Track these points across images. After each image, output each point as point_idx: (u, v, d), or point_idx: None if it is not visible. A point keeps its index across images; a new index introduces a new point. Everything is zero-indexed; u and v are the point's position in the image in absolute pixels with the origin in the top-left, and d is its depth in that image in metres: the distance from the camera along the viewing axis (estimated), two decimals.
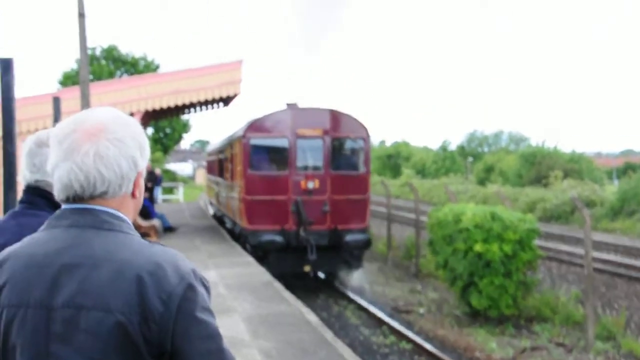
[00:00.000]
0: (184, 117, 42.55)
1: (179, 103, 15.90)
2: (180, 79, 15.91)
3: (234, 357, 1.47)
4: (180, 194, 35.94)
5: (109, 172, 1.48)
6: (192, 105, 17.70)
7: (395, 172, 63.01)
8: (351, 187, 13.44)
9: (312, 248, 12.64)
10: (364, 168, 13.64)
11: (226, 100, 18.23)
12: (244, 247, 13.84)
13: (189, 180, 61.54)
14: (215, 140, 24.86)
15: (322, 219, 13.05)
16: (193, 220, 21.60)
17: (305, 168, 13.37)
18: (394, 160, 67.81)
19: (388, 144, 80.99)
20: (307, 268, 12.92)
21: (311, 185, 13.29)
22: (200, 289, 1.46)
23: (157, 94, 15.69)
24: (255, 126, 13.46)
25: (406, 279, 14.68)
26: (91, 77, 35.05)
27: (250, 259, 12.83)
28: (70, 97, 14.00)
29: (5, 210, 4.16)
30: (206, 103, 18.24)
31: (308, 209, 12.92)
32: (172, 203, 31.65)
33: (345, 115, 13.59)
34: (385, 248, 17.02)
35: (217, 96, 16.21)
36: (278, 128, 13.35)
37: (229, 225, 16.63)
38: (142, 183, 1.56)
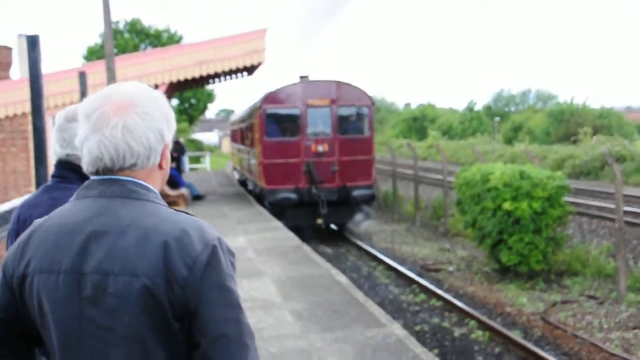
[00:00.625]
0: (209, 87, 42.43)
1: (203, 73, 15.83)
2: (204, 50, 15.90)
3: (252, 332, 1.49)
4: (207, 162, 36.35)
5: (137, 144, 1.51)
6: (217, 75, 17.67)
7: (422, 134, 62.76)
8: (357, 149, 15.18)
9: (323, 203, 14.46)
10: (368, 132, 15.43)
11: (250, 69, 18.21)
12: (263, 206, 15.68)
13: (215, 149, 61.55)
14: (238, 110, 26.74)
15: (332, 177, 14.91)
16: (220, 187, 21.95)
17: (316, 134, 15.04)
18: (420, 123, 67.20)
19: (413, 106, 79.14)
20: (319, 221, 14.63)
21: (321, 148, 15.10)
22: (225, 257, 1.48)
23: (181, 65, 15.67)
24: (270, 98, 15.17)
25: (434, 238, 14.58)
26: (115, 50, 35.45)
27: (278, 224, 12.98)
28: (96, 71, 14.08)
29: (38, 184, 4.25)
30: (230, 73, 18.21)
31: (318, 169, 14.76)
32: (200, 172, 31.69)
33: (350, 85, 15.25)
34: (413, 209, 17.02)
35: (241, 65, 16.17)
36: (290, 99, 15.08)
37: (251, 187, 18.51)
38: (168, 155, 1.59)
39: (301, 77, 15.41)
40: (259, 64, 16.67)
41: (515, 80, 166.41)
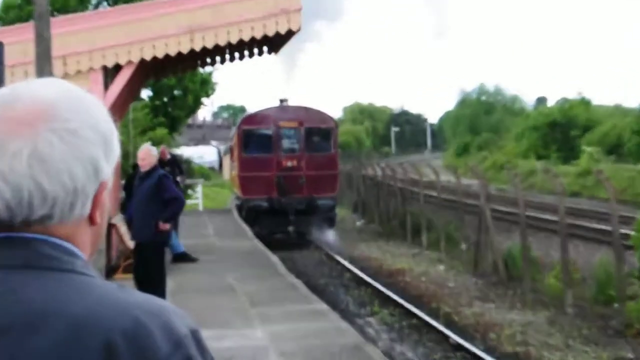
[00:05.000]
0: (204, 70, 39.26)
1: (196, 47, 14.54)
2: (198, 9, 14.47)
3: None
4: (199, 195, 34.03)
5: (53, 184, 1.34)
6: (218, 50, 16.38)
7: (568, 151, 52.72)
8: (323, 164, 23.67)
9: (292, 212, 22.78)
10: (333, 149, 24.56)
11: (274, 42, 16.77)
12: (240, 214, 26.72)
13: (211, 173, 56.14)
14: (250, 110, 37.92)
15: (300, 189, 23.17)
16: (221, 239, 21.05)
17: (286, 151, 23.81)
18: (564, 132, 56.00)
19: (551, 102, 72.14)
20: (290, 228, 23.01)
21: (290, 163, 23.37)
22: None
23: (159, 33, 14.37)
24: (247, 120, 25.42)
25: (603, 340, 12.77)
26: (51, 8, 31.09)
27: (321, 306, 12.24)
28: (17, 40, 12.81)
29: None
30: (241, 47, 16.93)
31: (288, 182, 23.20)
32: (187, 212, 28.69)
33: (317, 110, 25.10)
34: (559, 283, 15.35)
35: (258, 35, 14.62)
36: (265, 121, 24.10)
37: (237, 202, 29.21)
38: (105, 200, 1.45)
39: (280, 101, 24.78)
40: (290, 32, 15.25)
41: None
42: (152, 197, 10.43)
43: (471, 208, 21.59)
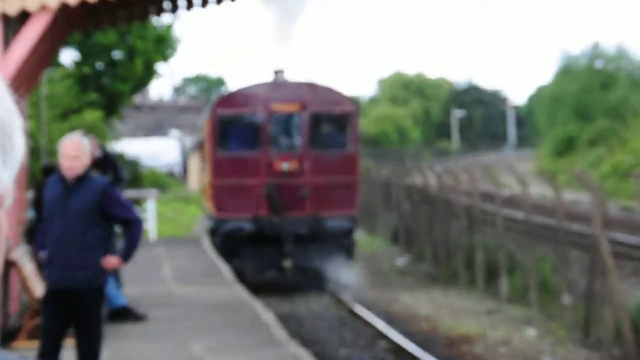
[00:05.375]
0: (160, 21, 39.27)
1: None
2: None
3: None
4: (149, 217, 32.74)
5: None
6: None
7: None
8: (335, 167, 23.77)
9: (289, 238, 22.47)
10: (351, 145, 24.20)
11: None
12: (214, 242, 26.69)
13: (171, 181, 56.71)
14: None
15: (301, 204, 23.20)
16: (185, 287, 20.90)
17: (282, 147, 23.83)
18: None
19: None
20: (286, 263, 22.52)
21: (287, 166, 23.34)
22: None
23: None
24: (225, 100, 24.83)
25: None
26: None
27: None
28: None
29: None
30: None
31: (284, 193, 23.18)
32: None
33: (327, 88, 24.69)
34: None
35: None
36: (251, 103, 23.83)
37: (210, 224, 28.04)
38: (2, 221, 1.56)
39: (275, 73, 24.27)
40: None
41: None
42: (89, 219, 10.00)
43: (579, 238, 20.84)
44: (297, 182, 23.07)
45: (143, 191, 34.97)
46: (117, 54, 41.63)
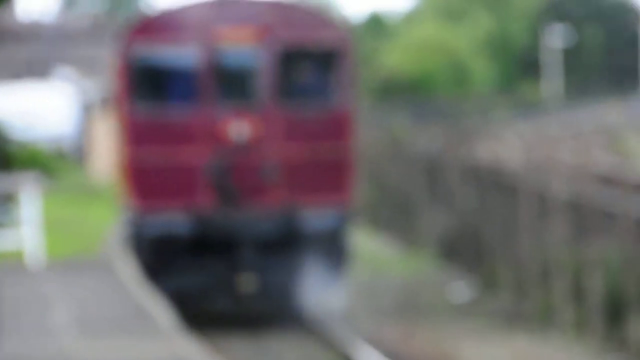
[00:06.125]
0: None
1: None
2: None
3: None
4: (27, 225, 24.59)
5: None
6: None
7: None
8: (317, 132, 17.96)
9: (246, 242, 17.37)
10: (341, 98, 18.20)
11: None
12: (135, 253, 18.88)
13: (61, 161, 46.51)
14: None
15: (265, 189, 17.67)
16: (88, 341, 15.24)
17: (233, 101, 18.02)
18: None
19: None
20: (246, 283, 17.34)
21: (240, 132, 17.62)
22: None
23: None
24: (144, 27, 18.36)
25: None
26: None
27: None
28: None
29: None
30: None
31: (238, 173, 17.67)
32: None
33: (302, 7, 19.23)
34: None
35: None
36: (184, 31, 18.04)
37: (127, 225, 20.50)
38: None
39: None
40: None
41: None
42: None
43: None
44: (257, 156, 17.13)
45: (12, 178, 26.22)
46: None
